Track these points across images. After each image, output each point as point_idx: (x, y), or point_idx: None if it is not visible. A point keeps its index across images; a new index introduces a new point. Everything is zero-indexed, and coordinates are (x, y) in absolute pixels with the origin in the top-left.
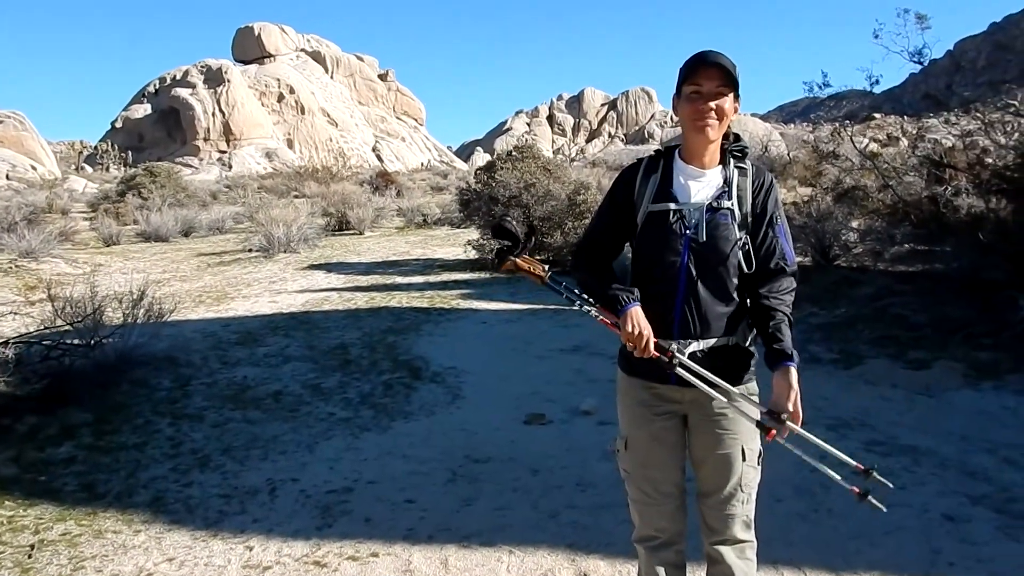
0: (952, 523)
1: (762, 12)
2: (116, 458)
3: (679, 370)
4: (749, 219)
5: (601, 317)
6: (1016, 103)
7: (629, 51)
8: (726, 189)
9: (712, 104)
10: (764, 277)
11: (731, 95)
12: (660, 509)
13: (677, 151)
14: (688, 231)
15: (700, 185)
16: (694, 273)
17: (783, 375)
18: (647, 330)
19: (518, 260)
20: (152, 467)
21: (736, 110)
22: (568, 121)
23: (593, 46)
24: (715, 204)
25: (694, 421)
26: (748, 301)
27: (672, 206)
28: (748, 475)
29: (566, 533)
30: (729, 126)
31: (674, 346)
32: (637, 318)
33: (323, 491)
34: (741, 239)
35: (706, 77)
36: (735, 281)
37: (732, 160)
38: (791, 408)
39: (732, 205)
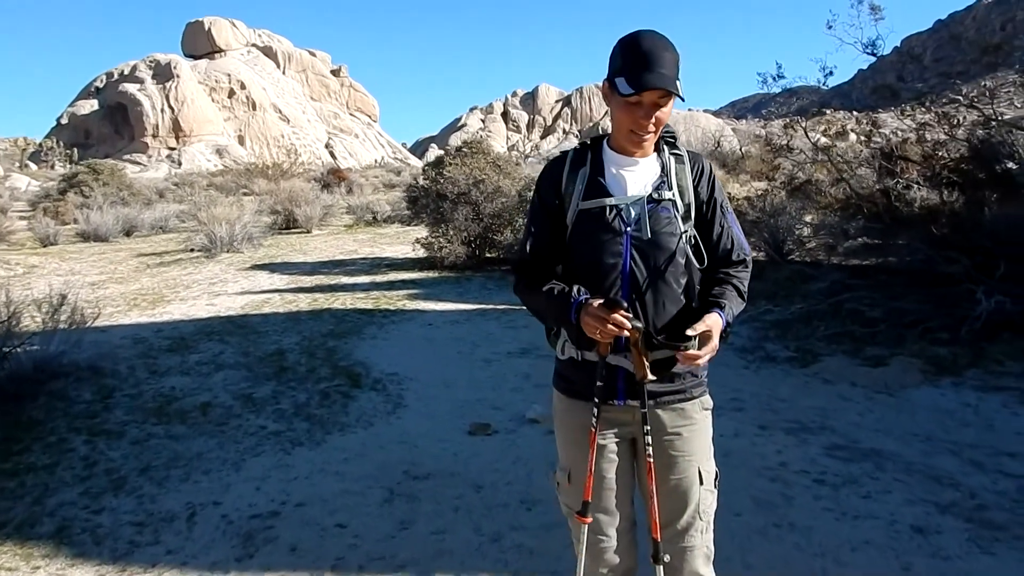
0: (921, 535)
1: (714, 8)
2: (22, 482)
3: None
4: (692, 209)
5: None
6: (960, 98)
7: (583, 48)
8: (664, 179)
9: (651, 119)
10: (725, 267)
11: (672, 100)
12: (610, 546)
13: (606, 140)
14: (629, 228)
15: (635, 176)
16: (639, 276)
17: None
18: (611, 318)
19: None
20: (61, 491)
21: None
22: (523, 117)
23: (548, 43)
24: (655, 196)
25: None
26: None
27: (608, 201)
28: (706, 500)
29: (510, 559)
30: None
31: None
32: (595, 311)
33: (246, 516)
34: (686, 232)
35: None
36: (683, 281)
37: (666, 147)
38: (699, 329)
39: (673, 196)
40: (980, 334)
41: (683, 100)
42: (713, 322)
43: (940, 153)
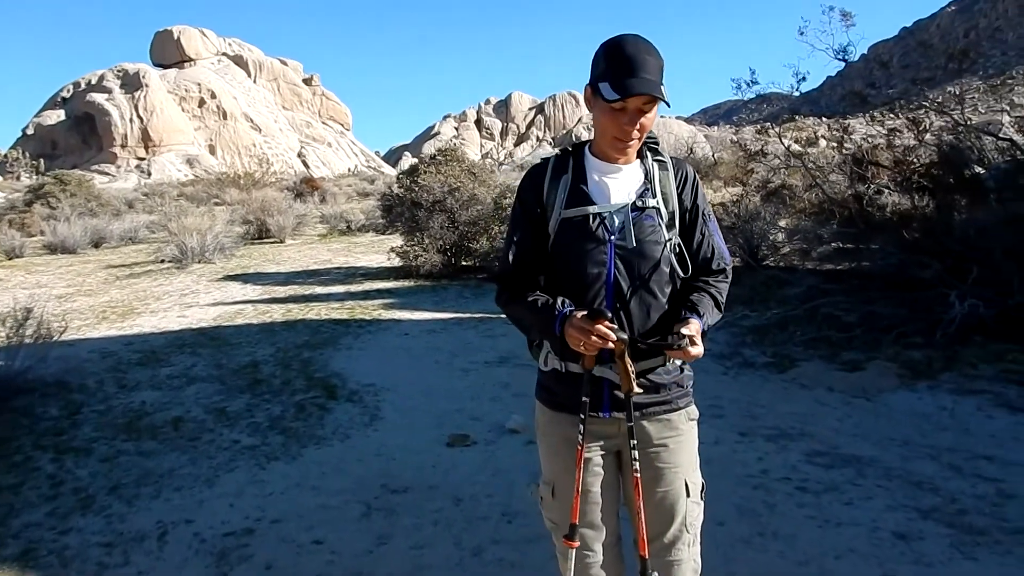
0: (904, 542)
1: (686, 13)
2: None
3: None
4: (676, 217)
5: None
6: (927, 104)
7: (556, 56)
8: (648, 186)
9: (636, 125)
10: (704, 276)
11: (656, 106)
12: (596, 561)
13: (587, 147)
14: (613, 236)
15: (618, 183)
16: (624, 285)
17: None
18: (596, 330)
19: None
20: (27, 512)
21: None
22: (496, 125)
23: (520, 51)
24: (639, 203)
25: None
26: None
27: (591, 209)
28: (692, 513)
29: (491, 573)
30: None
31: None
32: (579, 323)
33: (220, 534)
34: (671, 240)
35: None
36: (667, 290)
37: (649, 153)
38: (686, 331)
39: (657, 203)
40: (953, 338)
41: (668, 105)
42: (697, 327)
43: (910, 158)
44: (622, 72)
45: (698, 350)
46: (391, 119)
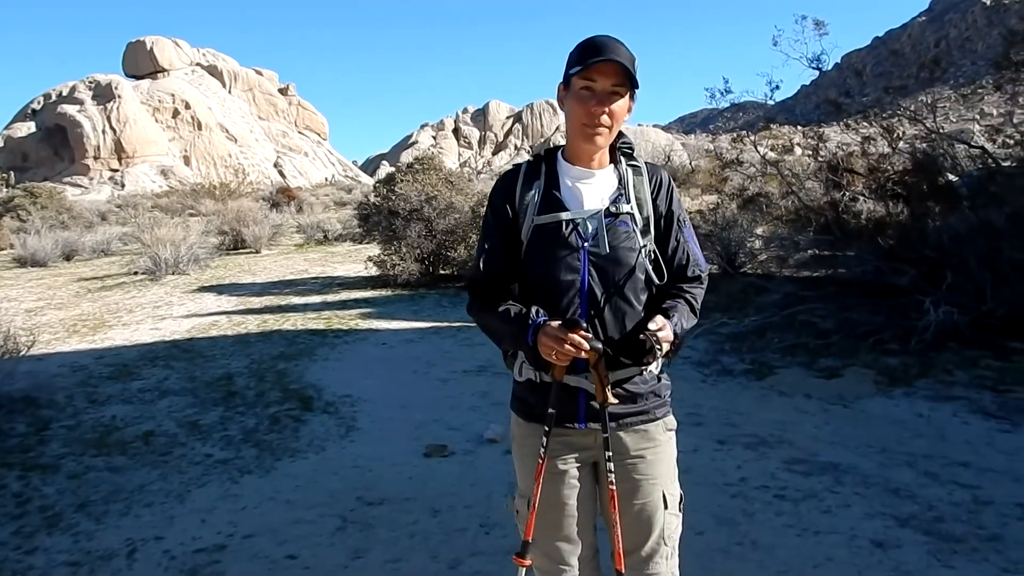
0: (882, 550)
1: (662, 23)
2: None
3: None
4: (651, 224)
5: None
6: (900, 112)
7: (533, 64)
8: (622, 191)
9: (605, 108)
10: (679, 283)
11: (627, 95)
12: None
13: (560, 152)
14: (586, 243)
15: (591, 188)
16: (598, 292)
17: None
18: (569, 339)
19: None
20: None
21: (631, 109)
22: (474, 134)
23: (497, 60)
24: (613, 209)
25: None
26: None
27: (564, 216)
28: (671, 525)
29: None
30: None
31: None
32: (553, 331)
33: (191, 550)
34: (645, 247)
35: (600, 73)
36: (643, 298)
37: (623, 158)
38: (652, 327)
39: (632, 209)
40: (929, 344)
41: (637, 87)
42: (663, 321)
43: (884, 166)
44: (592, 55)
45: (665, 333)
46: (368, 128)
